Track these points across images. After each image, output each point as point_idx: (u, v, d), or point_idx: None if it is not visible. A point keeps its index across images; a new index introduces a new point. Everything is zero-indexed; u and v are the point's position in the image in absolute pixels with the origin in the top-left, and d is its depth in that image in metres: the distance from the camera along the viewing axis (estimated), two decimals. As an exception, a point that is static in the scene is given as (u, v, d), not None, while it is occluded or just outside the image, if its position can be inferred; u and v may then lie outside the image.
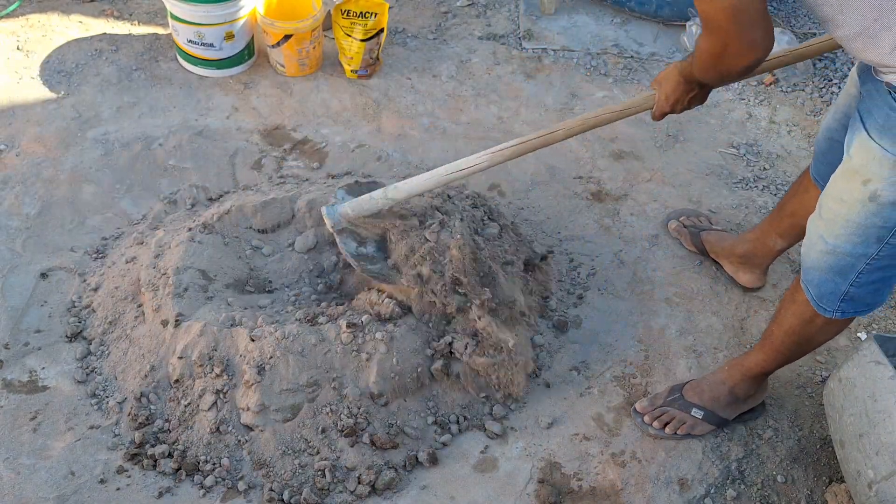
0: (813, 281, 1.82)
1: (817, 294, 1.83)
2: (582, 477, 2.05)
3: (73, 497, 1.94)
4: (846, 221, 1.67)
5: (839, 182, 1.69)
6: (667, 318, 2.43)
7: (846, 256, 1.72)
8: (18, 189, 2.63)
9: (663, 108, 1.96)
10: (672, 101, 1.93)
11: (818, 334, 1.92)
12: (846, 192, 1.66)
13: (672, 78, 1.91)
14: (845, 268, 1.74)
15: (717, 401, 2.10)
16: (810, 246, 1.80)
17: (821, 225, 1.75)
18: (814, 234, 1.78)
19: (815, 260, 1.79)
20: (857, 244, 1.69)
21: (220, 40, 2.98)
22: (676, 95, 1.92)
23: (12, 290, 2.35)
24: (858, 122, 1.62)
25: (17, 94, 2.95)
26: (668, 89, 1.93)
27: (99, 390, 2.15)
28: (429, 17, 3.47)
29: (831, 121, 1.99)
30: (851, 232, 1.68)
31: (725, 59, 1.62)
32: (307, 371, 2.04)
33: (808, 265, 1.82)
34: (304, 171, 2.77)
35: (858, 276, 1.74)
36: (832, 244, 1.73)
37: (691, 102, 1.94)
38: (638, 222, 2.69)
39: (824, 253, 1.76)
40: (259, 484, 1.99)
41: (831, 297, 1.80)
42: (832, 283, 1.78)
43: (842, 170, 1.68)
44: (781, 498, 2.06)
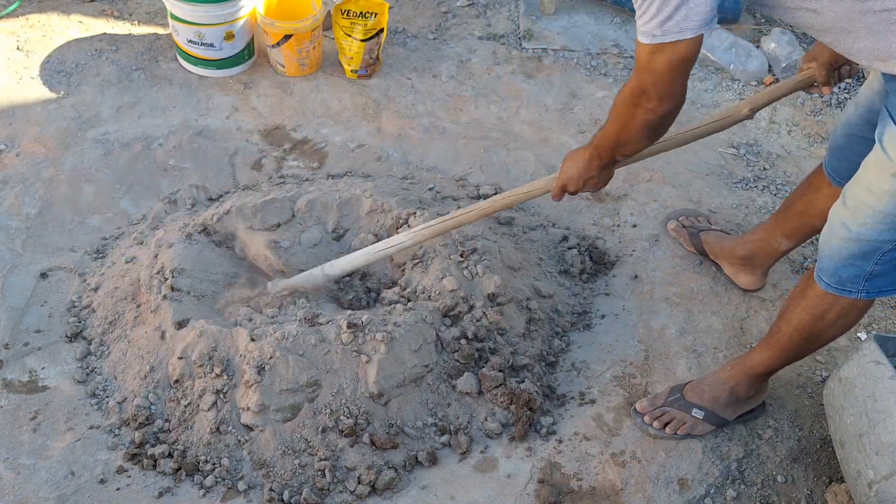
0: (829, 270, 1.83)
1: (837, 281, 1.83)
2: (582, 477, 2.05)
3: (73, 497, 1.94)
4: (873, 211, 1.70)
5: (869, 172, 1.71)
6: (667, 318, 2.43)
7: (870, 242, 1.73)
8: (18, 189, 2.63)
9: (560, 183, 2.02)
10: (567, 178, 2.00)
11: (828, 330, 1.92)
12: (875, 183, 1.68)
13: (577, 155, 1.98)
14: (869, 252, 1.75)
15: (717, 401, 2.10)
16: (831, 234, 1.81)
17: (845, 213, 1.77)
18: (836, 222, 1.79)
19: (836, 247, 1.79)
20: (883, 231, 1.71)
21: (220, 40, 2.98)
22: (575, 172, 1.98)
23: (12, 290, 2.35)
24: (887, 116, 1.65)
25: (17, 94, 2.95)
26: (568, 166, 2.00)
27: (99, 390, 2.15)
28: (429, 17, 3.47)
29: (852, 115, 2.00)
30: (878, 221, 1.70)
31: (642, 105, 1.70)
32: (307, 371, 2.04)
33: (827, 253, 1.82)
34: (304, 171, 2.77)
35: (882, 256, 1.75)
36: (856, 232, 1.74)
37: (587, 182, 1.99)
38: (638, 222, 2.69)
39: (846, 240, 1.76)
40: (259, 484, 1.99)
41: (855, 280, 1.81)
42: (854, 267, 1.79)
43: (873, 160, 1.70)
44: (781, 498, 2.06)
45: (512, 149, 2.91)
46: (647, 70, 1.66)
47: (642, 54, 1.65)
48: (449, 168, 2.82)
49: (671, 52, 1.60)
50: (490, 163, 2.85)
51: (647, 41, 1.62)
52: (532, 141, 2.95)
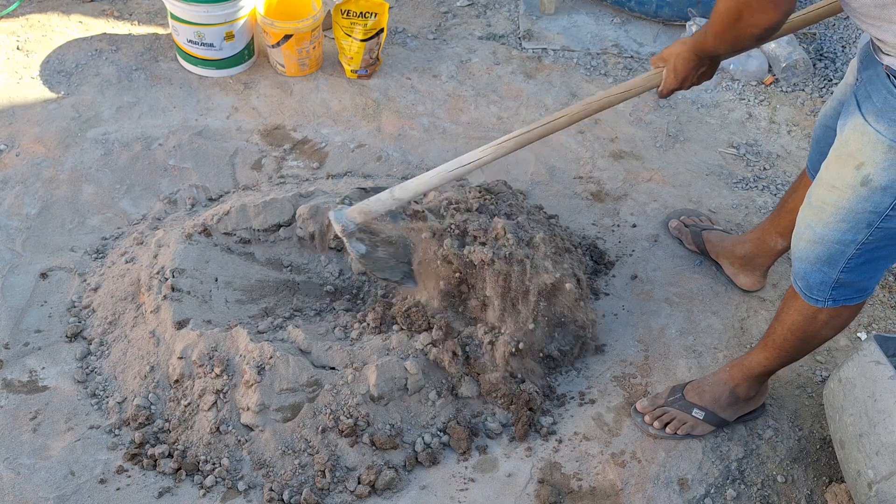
0: (799, 273, 1.83)
1: (805, 286, 1.83)
2: (582, 477, 2.05)
3: (73, 497, 1.94)
4: (836, 208, 1.68)
5: (831, 168, 1.69)
6: (667, 318, 2.43)
7: (834, 244, 1.72)
8: (18, 189, 2.63)
9: (671, 84, 1.91)
10: (681, 77, 1.88)
11: (821, 330, 1.92)
12: (838, 178, 1.66)
13: (681, 53, 1.86)
14: (834, 255, 1.74)
15: (717, 402, 2.10)
16: (798, 237, 1.80)
17: (809, 214, 1.75)
18: (802, 224, 1.79)
19: (803, 250, 1.79)
20: (846, 231, 1.69)
21: (220, 40, 2.98)
22: (686, 71, 1.86)
23: (12, 290, 2.35)
24: (854, 106, 1.62)
25: (17, 94, 2.95)
26: (677, 65, 1.87)
27: (99, 390, 2.15)
28: (429, 17, 3.47)
29: (828, 109, 2.00)
30: (841, 219, 1.68)
31: (745, 18, 1.56)
32: (307, 371, 2.04)
33: (796, 256, 1.82)
34: (304, 171, 2.77)
35: (848, 262, 1.73)
36: (820, 233, 1.73)
37: (701, 78, 1.90)
38: (638, 222, 2.69)
39: (812, 242, 1.76)
40: (259, 484, 1.99)
41: (821, 287, 1.80)
42: (820, 273, 1.78)
43: (834, 155, 1.68)
44: (781, 498, 2.06)
45: (512, 149, 2.91)
46: None
47: None
48: (449, 168, 2.82)
49: None
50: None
51: None
52: (532, 141, 2.95)
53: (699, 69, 1.87)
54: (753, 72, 3.25)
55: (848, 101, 1.67)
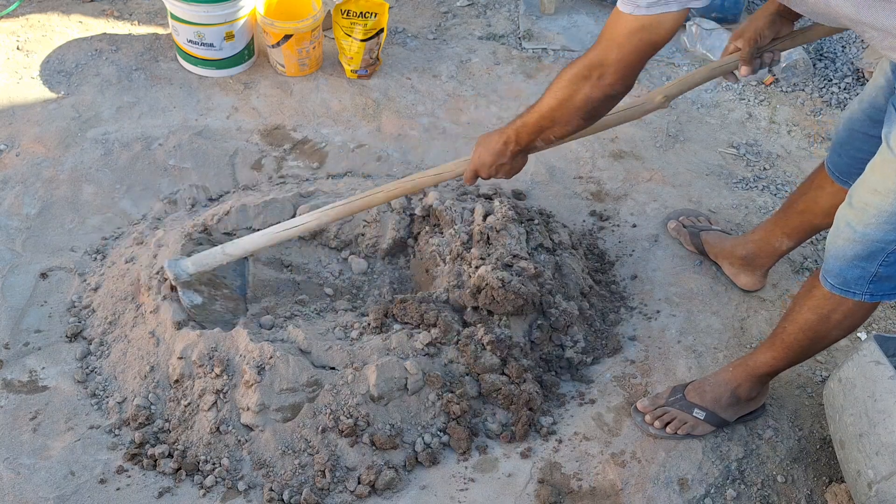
0: (833, 271, 1.82)
1: (842, 282, 1.82)
2: (582, 477, 2.05)
3: (73, 497, 1.94)
4: (878, 211, 1.69)
5: (875, 172, 1.71)
6: (667, 318, 2.43)
7: (875, 243, 1.73)
8: (18, 189, 2.63)
9: (472, 168, 1.99)
10: (480, 163, 1.96)
11: (833, 330, 1.91)
12: (881, 183, 1.68)
13: (491, 139, 1.94)
14: (874, 252, 1.75)
15: (718, 402, 2.10)
16: (836, 234, 1.80)
17: (850, 213, 1.76)
18: (841, 223, 1.79)
19: (840, 248, 1.79)
20: (889, 231, 1.71)
21: (220, 40, 2.98)
22: (489, 158, 1.94)
23: (12, 290, 2.35)
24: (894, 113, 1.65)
25: (17, 94, 2.95)
26: (481, 151, 1.96)
27: (99, 390, 2.15)
28: (429, 17, 3.47)
29: (856, 111, 2.00)
30: (884, 221, 1.70)
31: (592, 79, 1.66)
32: (307, 371, 2.04)
33: (832, 254, 1.82)
34: (304, 171, 2.77)
35: (887, 258, 1.75)
36: (861, 232, 1.74)
37: (500, 169, 1.96)
38: (638, 222, 2.69)
39: (851, 241, 1.76)
40: (259, 484, 1.99)
41: (860, 282, 1.80)
42: (858, 268, 1.78)
43: (879, 160, 1.70)
44: (781, 498, 2.06)
45: (512, 149, 2.91)
46: (617, 44, 1.61)
47: (617, 26, 1.60)
48: (449, 168, 2.82)
49: (652, 27, 1.57)
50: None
51: (629, 11, 1.57)
52: (532, 141, 2.94)
53: (501, 159, 1.93)
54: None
55: (889, 109, 1.69)
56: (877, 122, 1.83)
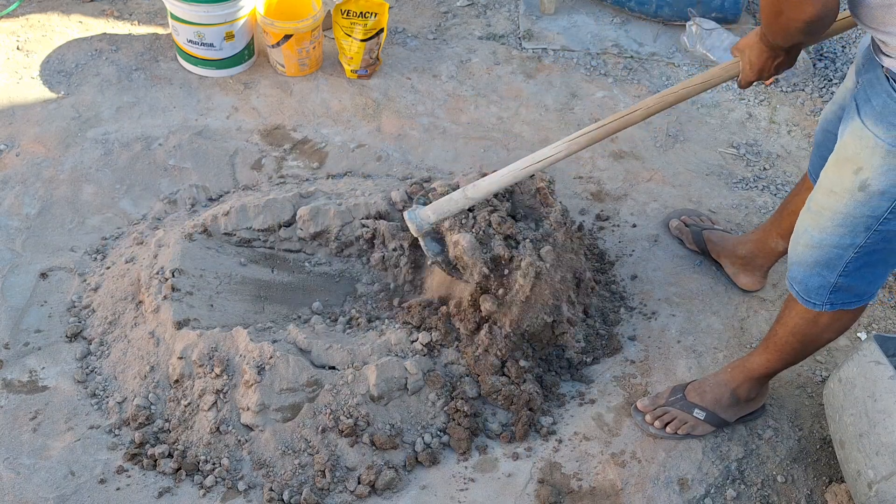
0: (797, 277, 1.83)
1: (803, 290, 1.83)
2: (582, 477, 2.05)
3: (73, 497, 1.94)
4: (833, 213, 1.68)
5: (830, 172, 1.69)
6: (667, 318, 2.43)
7: (833, 248, 1.72)
8: (18, 189, 2.63)
9: (749, 76, 1.87)
10: (757, 69, 1.84)
11: (823, 333, 1.92)
12: (837, 183, 1.66)
13: (754, 45, 1.82)
14: (832, 259, 1.74)
15: (718, 402, 2.10)
16: (796, 240, 1.80)
17: (807, 218, 1.76)
18: (800, 229, 1.79)
19: (801, 254, 1.79)
20: (844, 235, 1.69)
21: (220, 40, 2.98)
22: (761, 62, 1.82)
23: (12, 290, 2.35)
24: (854, 110, 1.62)
25: (17, 94, 2.95)
26: (752, 57, 1.84)
27: (99, 390, 2.15)
28: (429, 17, 3.47)
29: (828, 113, 2.00)
30: (838, 223, 1.68)
31: (785, 12, 1.53)
32: (307, 371, 2.04)
33: (794, 260, 1.82)
34: (304, 171, 2.77)
35: (846, 266, 1.73)
36: (818, 238, 1.73)
37: (779, 68, 1.84)
38: (638, 222, 2.69)
39: (809, 247, 1.76)
40: (259, 484, 1.99)
41: (820, 291, 1.80)
42: (819, 276, 1.78)
43: (833, 159, 1.68)
44: (781, 498, 2.06)
45: (512, 149, 2.91)
46: None
47: None
48: (449, 168, 2.82)
49: None
50: (490, 163, 2.85)
51: None
52: (532, 141, 2.95)
53: (774, 60, 1.82)
54: (753, 72, 3.25)
55: (848, 106, 1.67)
56: None
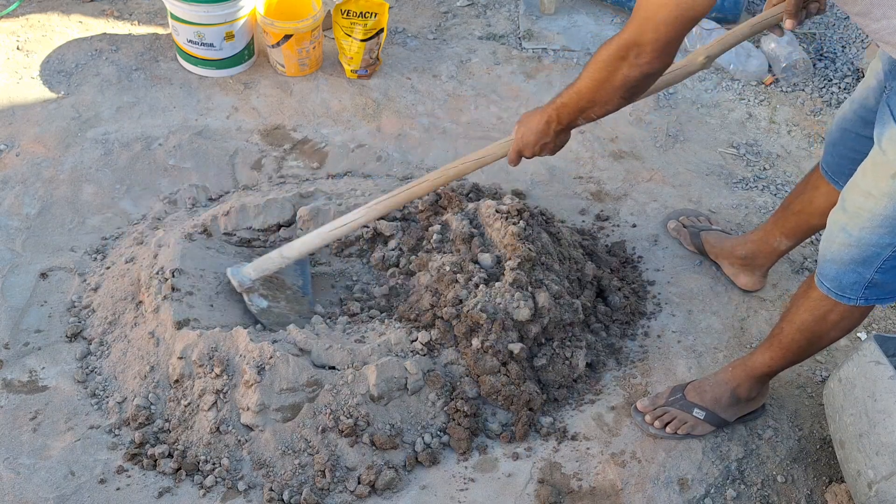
0: (829, 274, 1.82)
1: (837, 286, 1.82)
2: (582, 477, 2.05)
3: (73, 497, 1.94)
4: (872, 214, 1.68)
5: (867, 175, 1.69)
6: (667, 318, 2.43)
7: (871, 247, 1.72)
8: (18, 189, 2.63)
9: (516, 148, 1.98)
10: (524, 143, 1.95)
11: (831, 331, 1.92)
12: (874, 186, 1.67)
13: (533, 119, 1.92)
14: (870, 257, 1.74)
15: (718, 402, 2.10)
16: (831, 239, 1.80)
17: (843, 218, 1.75)
18: (835, 227, 1.78)
19: (836, 252, 1.78)
20: (884, 235, 1.69)
21: (220, 40, 2.98)
22: (532, 137, 1.93)
23: (12, 290, 2.35)
24: (888, 115, 1.63)
25: (17, 94, 2.95)
26: (524, 131, 1.95)
27: (99, 390, 2.15)
28: (429, 17, 3.47)
29: (847, 111, 1.99)
30: (878, 224, 1.69)
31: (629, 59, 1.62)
32: (307, 371, 2.04)
33: (828, 258, 1.81)
34: (304, 171, 2.77)
35: (883, 263, 1.74)
36: (856, 236, 1.73)
37: (544, 147, 1.95)
38: (638, 222, 2.69)
39: (846, 245, 1.75)
40: (259, 484, 1.99)
41: (855, 287, 1.80)
42: (854, 273, 1.78)
43: (871, 163, 1.69)
44: (781, 498, 2.06)
45: (512, 149, 2.91)
46: (651, 20, 1.56)
47: (650, 2, 1.55)
48: (449, 168, 2.82)
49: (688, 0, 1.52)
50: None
51: None
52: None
53: (544, 138, 1.92)
54: (753, 72, 3.25)
55: (881, 110, 1.67)
56: (868, 122, 1.82)
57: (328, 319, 2.29)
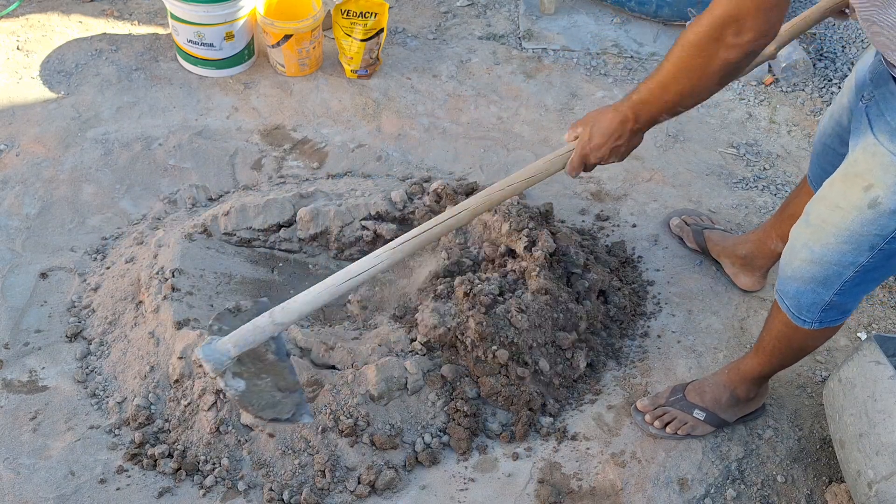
0: (789, 292, 1.78)
1: (795, 305, 1.78)
2: (582, 477, 2.05)
3: (73, 497, 1.94)
4: (838, 229, 1.62)
5: (836, 187, 1.63)
6: (667, 318, 2.43)
7: (832, 265, 1.66)
8: (18, 189, 2.63)
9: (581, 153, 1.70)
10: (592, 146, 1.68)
11: (806, 341, 1.90)
12: (843, 198, 1.60)
13: (604, 118, 1.65)
14: (830, 277, 1.68)
15: (718, 403, 2.10)
16: (793, 255, 1.74)
17: (807, 233, 1.69)
18: (798, 242, 1.72)
19: (797, 269, 1.73)
20: (847, 252, 1.63)
21: (220, 40, 2.98)
22: (601, 139, 1.66)
23: (12, 290, 2.35)
24: (865, 125, 1.57)
25: (17, 94, 2.95)
26: (593, 131, 1.67)
27: (99, 390, 2.15)
28: (429, 17, 3.47)
29: (826, 127, 1.96)
30: (843, 240, 1.62)
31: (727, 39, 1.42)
32: (307, 371, 2.04)
33: (788, 275, 1.76)
34: (304, 171, 2.77)
35: (843, 285, 1.69)
36: (819, 253, 1.67)
37: (614, 152, 1.69)
38: (638, 222, 2.69)
39: (808, 262, 1.70)
40: (259, 484, 1.99)
41: (811, 308, 1.76)
42: (813, 293, 1.73)
43: (841, 174, 1.63)
44: (781, 498, 2.06)
45: (512, 149, 2.91)
46: None
47: None
48: (449, 168, 2.82)
49: None
50: (490, 163, 2.85)
51: None
52: (532, 141, 2.95)
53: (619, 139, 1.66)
54: (753, 72, 3.25)
55: (857, 119, 1.61)
56: (844, 141, 1.75)
57: (328, 320, 2.29)
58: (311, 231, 2.40)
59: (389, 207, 2.45)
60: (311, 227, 2.39)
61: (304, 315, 1.74)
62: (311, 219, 2.40)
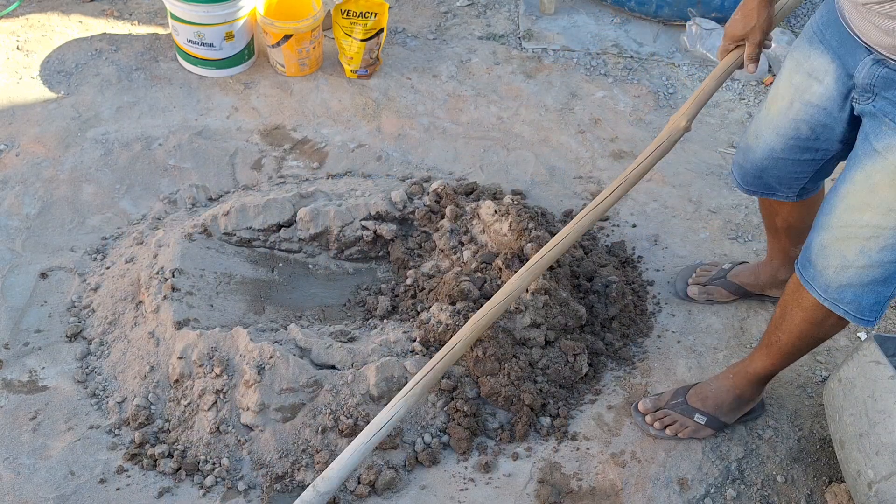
0: (845, 299, 1.75)
1: (856, 309, 1.76)
2: (582, 477, 2.05)
3: (73, 497, 1.94)
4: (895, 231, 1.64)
5: (883, 192, 1.63)
6: (667, 318, 2.42)
7: (892, 264, 1.68)
8: (18, 189, 2.63)
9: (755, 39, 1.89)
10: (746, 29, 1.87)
11: (829, 332, 1.90)
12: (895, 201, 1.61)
13: None
14: (892, 275, 1.70)
15: (720, 407, 2.09)
16: (848, 265, 1.72)
17: (856, 244, 1.69)
18: (850, 253, 1.71)
19: (853, 277, 1.72)
20: None
21: (220, 40, 2.98)
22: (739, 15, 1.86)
23: (12, 290, 2.35)
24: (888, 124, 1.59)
25: (17, 94, 2.95)
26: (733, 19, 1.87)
27: (99, 390, 2.15)
28: (429, 17, 3.47)
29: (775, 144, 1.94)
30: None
31: None
32: (307, 371, 2.04)
33: (843, 283, 1.74)
34: (304, 171, 2.77)
35: None
36: (877, 257, 1.67)
37: None
38: (638, 222, 2.69)
39: (867, 267, 1.70)
40: (259, 484, 1.99)
41: (874, 307, 1.75)
42: (874, 293, 1.73)
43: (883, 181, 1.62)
44: (781, 498, 2.06)
45: (512, 149, 2.91)
46: None
47: None
48: (449, 168, 2.82)
49: None
50: (490, 163, 2.85)
51: None
52: (532, 141, 2.95)
53: None
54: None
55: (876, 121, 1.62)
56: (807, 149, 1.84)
57: (328, 319, 2.29)
58: (311, 231, 2.40)
59: (389, 207, 2.45)
60: (311, 227, 2.39)
61: (343, 479, 1.84)
62: (311, 219, 2.40)
